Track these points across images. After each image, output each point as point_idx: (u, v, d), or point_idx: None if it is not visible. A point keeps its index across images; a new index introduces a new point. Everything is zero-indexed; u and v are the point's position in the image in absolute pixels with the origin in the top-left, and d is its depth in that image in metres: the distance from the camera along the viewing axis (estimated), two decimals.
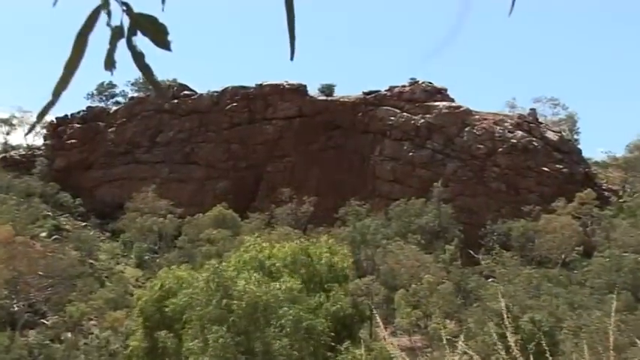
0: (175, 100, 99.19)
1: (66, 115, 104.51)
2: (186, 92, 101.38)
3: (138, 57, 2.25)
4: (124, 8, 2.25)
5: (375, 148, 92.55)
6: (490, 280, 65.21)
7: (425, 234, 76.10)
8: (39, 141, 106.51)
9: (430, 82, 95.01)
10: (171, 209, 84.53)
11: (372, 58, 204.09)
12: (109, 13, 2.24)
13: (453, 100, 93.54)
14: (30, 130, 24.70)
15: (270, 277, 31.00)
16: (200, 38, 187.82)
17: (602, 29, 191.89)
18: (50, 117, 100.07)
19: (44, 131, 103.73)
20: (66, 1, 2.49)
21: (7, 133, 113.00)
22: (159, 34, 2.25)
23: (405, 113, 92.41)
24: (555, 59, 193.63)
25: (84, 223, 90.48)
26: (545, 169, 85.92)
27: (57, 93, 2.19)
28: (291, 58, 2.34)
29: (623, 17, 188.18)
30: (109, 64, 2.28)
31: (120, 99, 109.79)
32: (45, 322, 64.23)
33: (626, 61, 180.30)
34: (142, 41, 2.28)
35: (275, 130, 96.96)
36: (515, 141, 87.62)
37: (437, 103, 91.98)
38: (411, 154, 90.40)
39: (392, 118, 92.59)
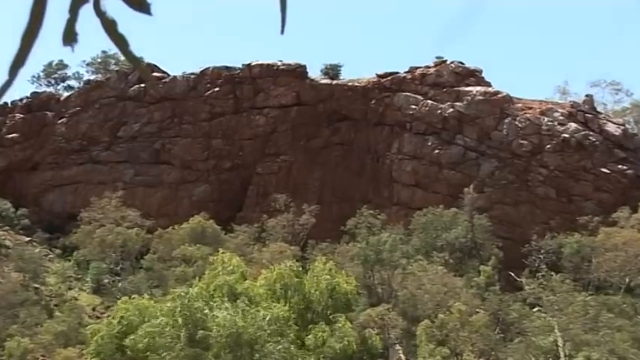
0: (141, 85, 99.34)
1: (5, 103, 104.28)
2: (155, 74, 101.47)
3: (109, 25, 2.23)
4: None
5: (391, 145, 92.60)
6: (536, 309, 65.21)
7: (454, 252, 76.13)
8: None
9: (461, 62, 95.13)
10: (138, 220, 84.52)
11: (388, 31, 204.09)
12: None
13: (489, 85, 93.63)
14: None
15: (252, 304, 31.14)
16: (173, 7, 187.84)
17: None
18: None
19: None
20: None
21: None
22: None
23: (429, 101, 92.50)
24: (617, 34, 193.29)
25: (28, 238, 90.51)
26: (605, 170, 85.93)
27: (14, 70, 2.17)
28: (282, 32, 2.35)
29: None
30: (70, 37, 2.24)
31: (73, 82, 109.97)
32: None
33: None
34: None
35: (267, 121, 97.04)
36: (567, 135, 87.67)
37: (469, 89, 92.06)
38: (436, 151, 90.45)
39: (413, 106, 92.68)
